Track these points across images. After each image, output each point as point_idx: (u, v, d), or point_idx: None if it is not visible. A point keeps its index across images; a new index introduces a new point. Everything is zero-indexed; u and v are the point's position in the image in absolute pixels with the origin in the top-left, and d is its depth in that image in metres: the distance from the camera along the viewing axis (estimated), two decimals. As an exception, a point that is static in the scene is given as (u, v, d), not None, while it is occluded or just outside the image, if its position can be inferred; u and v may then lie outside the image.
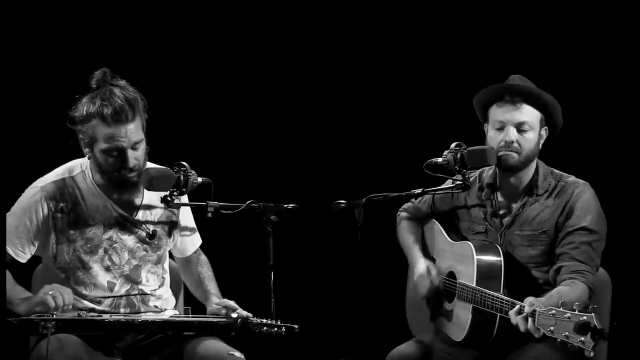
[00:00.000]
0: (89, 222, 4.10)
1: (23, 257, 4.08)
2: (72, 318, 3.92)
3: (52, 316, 3.88)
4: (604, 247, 4.17)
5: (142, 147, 4.08)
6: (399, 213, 4.60)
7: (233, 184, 4.43)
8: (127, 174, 4.05)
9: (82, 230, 4.09)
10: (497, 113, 4.23)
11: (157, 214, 4.21)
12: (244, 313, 4.08)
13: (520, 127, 4.20)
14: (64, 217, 4.08)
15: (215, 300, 4.23)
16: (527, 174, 4.25)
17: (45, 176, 4.13)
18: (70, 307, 3.95)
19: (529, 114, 4.20)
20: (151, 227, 4.19)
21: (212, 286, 4.32)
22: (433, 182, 4.31)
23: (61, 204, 4.08)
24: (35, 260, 4.19)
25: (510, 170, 4.23)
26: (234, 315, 4.07)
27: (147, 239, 4.18)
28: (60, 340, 3.85)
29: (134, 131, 4.03)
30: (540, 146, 4.26)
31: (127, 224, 4.15)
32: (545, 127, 4.26)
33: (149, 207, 4.19)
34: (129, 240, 4.16)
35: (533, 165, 4.25)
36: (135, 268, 4.16)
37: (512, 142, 4.18)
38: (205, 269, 4.37)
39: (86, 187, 4.11)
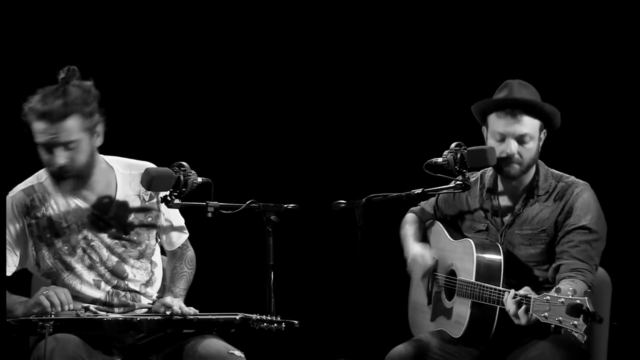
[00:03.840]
0: (62, 224, 4.08)
1: (8, 270, 4.06)
2: (70, 318, 3.92)
3: (51, 316, 3.88)
4: (604, 247, 4.17)
5: (80, 147, 3.99)
6: (405, 215, 4.59)
7: (233, 184, 4.42)
8: (59, 171, 3.99)
9: (57, 232, 4.07)
10: (497, 124, 4.19)
11: (133, 208, 4.16)
12: (185, 310, 4.00)
13: (521, 139, 4.18)
14: (38, 222, 4.07)
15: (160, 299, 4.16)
16: (528, 176, 4.24)
17: (15, 187, 4.12)
18: (71, 305, 3.95)
19: (529, 125, 4.17)
20: (125, 223, 4.14)
21: (178, 285, 4.25)
22: (433, 182, 4.31)
23: (33, 211, 4.07)
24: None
25: (512, 179, 4.23)
26: (168, 312, 4.00)
27: (123, 235, 4.15)
28: (60, 340, 3.85)
29: (66, 130, 3.96)
30: (540, 148, 4.25)
31: (100, 222, 4.12)
32: (544, 130, 4.25)
33: (123, 202, 4.14)
34: (105, 237, 4.12)
35: (533, 167, 4.25)
36: (118, 264, 4.14)
37: (514, 154, 4.17)
38: (183, 266, 4.30)
39: (54, 190, 4.09)
